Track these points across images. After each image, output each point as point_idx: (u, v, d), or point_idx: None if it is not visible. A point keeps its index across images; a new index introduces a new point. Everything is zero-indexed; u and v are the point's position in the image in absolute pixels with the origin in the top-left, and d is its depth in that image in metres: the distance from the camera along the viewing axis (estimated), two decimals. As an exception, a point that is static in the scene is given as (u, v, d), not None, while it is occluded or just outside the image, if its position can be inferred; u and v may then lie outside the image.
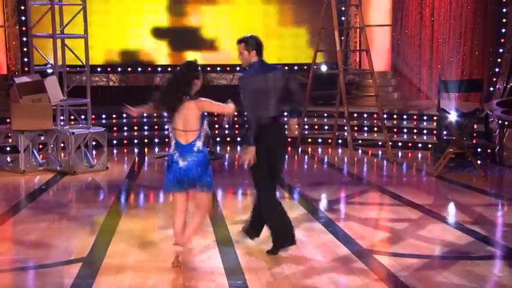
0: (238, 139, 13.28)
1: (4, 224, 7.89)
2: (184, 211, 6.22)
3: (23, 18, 13.34)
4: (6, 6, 13.50)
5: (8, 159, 11.18)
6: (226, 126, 11.74)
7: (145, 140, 13.19)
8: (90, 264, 6.26)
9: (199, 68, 6.06)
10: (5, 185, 9.94)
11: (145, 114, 12.65)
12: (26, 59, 13.47)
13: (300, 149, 12.72)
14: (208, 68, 14.72)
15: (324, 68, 13.99)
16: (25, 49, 13.49)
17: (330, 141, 13.08)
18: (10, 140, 11.27)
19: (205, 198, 6.21)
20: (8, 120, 11.32)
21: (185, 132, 6.01)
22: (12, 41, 13.65)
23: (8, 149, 11.55)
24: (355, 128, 13.23)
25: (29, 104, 10.30)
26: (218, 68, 14.90)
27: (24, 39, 13.31)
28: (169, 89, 5.98)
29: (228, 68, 14.91)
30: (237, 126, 13.63)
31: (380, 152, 12.42)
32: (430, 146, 12.50)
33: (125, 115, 13.34)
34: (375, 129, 13.32)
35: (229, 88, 14.73)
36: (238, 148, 12.94)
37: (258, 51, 6.32)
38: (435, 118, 12.53)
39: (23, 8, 13.32)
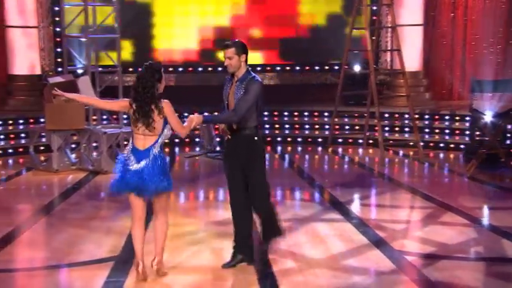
0: (268, 139, 13.29)
1: (38, 222, 8.00)
2: (143, 219, 5.93)
3: (57, 19, 13.48)
4: (40, 8, 13.66)
5: (42, 158, 11.33)
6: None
7: (176, 140, 13.24)
8: (121, 264, 6.30)
9: (161, 69, 5.77)
10: (38, 183, 10.07)
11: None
12: (59, 60, 13.61)
13: (330, 149, 12.66)
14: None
15: (356, 68, 13.90)
16: (58, 49, 13.64)
17: (360, 141, 13.00)
18: (44, 140, 11.41)
19: (164, 201, 5.91)
20: (42, 120, 11.48)
21: (144, 137, 5.71)
22: (46, 41, 13.81)
23: (42, 148, 11.70)
24: (386, 128, 13.12)
25: (62, 104, 10.41)
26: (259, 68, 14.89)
27: (58, 39, 13.46)
28: (136, 97, 5.66)
29: (259, 68, 14.89)
30: (267, 126, 13.62)
31: (411, 153, 12.31)
32: (462, 146, 12.35)
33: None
34: (406, 129, 13.19)
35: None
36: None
37: (247, 56, 6.04)
38: (468, 118, 12.38)
39: (57, 9, 13.47)
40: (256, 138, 6.07)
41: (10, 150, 12.05)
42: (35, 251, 6.85)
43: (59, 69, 13.58)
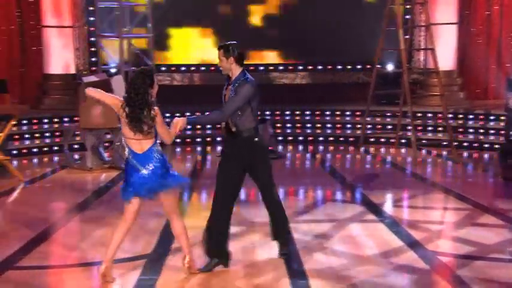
0: (300, 138, 13.28)
1: (71, 220, 8.08)
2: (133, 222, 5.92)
3: (91, 18, 13.62)
4: (75, 8, 13.81)
5: (76, 156, 11.45)
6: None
7: (208, 139, 13.29)
8: (154, 262, 6.33)
9: (153, 74, 5.74)
10: (72, 182, 10.17)
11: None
12: (93, 59, 13.75)
13: (362, 149, 12.58)
14: (271, 67, 14.73)
15: (390, 67, 13.79)
16: (93, 49, 13.78)
17: (393, 140, 12.89)
18: (78, 138, 11.53)
19: (171, 200, 5.90)
20: (76, 118, 11.60)
21: (139, 141, 5.69)
22: (81, 41, 13.95)
23: (76, 146, 11.84)
24: (419, 128, 12.99)
25: (96, 103, 10.50)
26: (281, 67, 14.88)
27: (92, 39, 13.59)
28: (128, 101, 5.61)
29: (291, 67, 14.88)
30: (299, 125, 13.60)
31: (445, 153, 12.17)
32: (497, 146, 12.16)
33: (188, 114, 13.48)
34: (440, 129, 13.05)
35: (289, 87, 14.72)
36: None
37: (237, 59, 6.02)
38: (503, 118, 12.19)
39: (91, 8, 13.60)
40: (256, 139, 6.09)
41: (45, 149, 12.22)
42: (69, 248, 6.91)
43: (93, 68, 13.72)
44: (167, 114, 13.34)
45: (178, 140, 12.92)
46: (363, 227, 7.60)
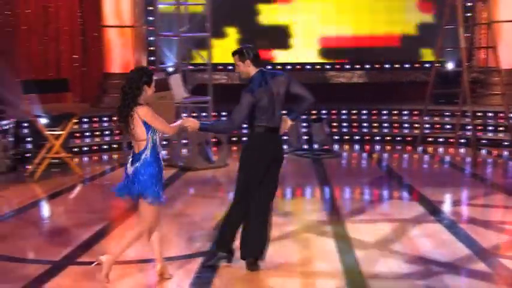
0: (357, 137, 13.17)
1: (129, 218, 8.18)
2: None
3: (150, 18, 13.79)
4: (135, 8, 14.01)
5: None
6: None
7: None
8: (211, 259, 6.35)
9: (152, 74, 5.75)
10: (131, 179, 10.30)
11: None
12: (152, 58, 13.92)
13: (420, 149, 12.39)
14: (327, 66, 14.64)
15: (449, 66, 13.53)
16: (151, 48, 13.95)
17: (451, 140, 12.65)
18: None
19: (146, 209, 5.70)
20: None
21: (135, 142, 5.66)
22: (140, 40, 14.14)
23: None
24: (479, 128, 12.71)
25: (153, 101, 10.61)
26: (337, 66, 14.77)
27: (151, 38, 13.76)
28: (120, 97, 5.63)
29: (348, 66, 14.76)
30: (355, 124, 13.48)
31: (506, 153, 11.87)
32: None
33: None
34: (501, 128, 12.73)
35: (347, 86, 14.59)
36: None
37: (253, 61, 5.95)
38: None
39: (150, 8, 13.77)
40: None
41: (105, 147, 12.44)
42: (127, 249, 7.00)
43: (152, 67, 13.89)
44: (223, 113, 13.42)
45: (234, 139, 12.95)
46: (420, 226, 7.48)
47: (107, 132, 12.71)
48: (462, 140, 12.49)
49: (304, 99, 6.05)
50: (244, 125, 6.60)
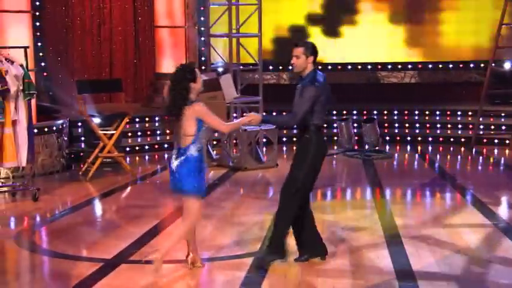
0: (408, 138, 13.00)
1: (180, 216, 8.22)
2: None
3: (202, 18, 13.87)
4: (187, 8, 14.11)
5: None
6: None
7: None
8: (261, 259, 6.34)
9: (196, 70, 5.80)
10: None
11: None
12: (203, 58, 14.00)
13: (474, 150, 12.14)
14: (379, 66, 14.49)
15: (507, 66, 13.22)
16: (202, 48, 14.03)
17: (507, 142, 12.37)
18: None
19: (191, 205, 5.83)
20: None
21: (183, 137, 5.72)
22: (192, 40, 14.24)
23: (185, 144, 12.03)
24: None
25: (205, 101, 10.64)
26: (389, 66, 14.60)
27: (202, 38, 13.84)
28: (170, 97, 5.74)
29: (400, 66, 14.58)
30: (407, 125, 13.30)
31: None
32: None
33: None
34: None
35: (399, 86, 14.41)
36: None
37: (315, 59, 5.96)
38: None
39: (202, 9, 13.86)
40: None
41: (156, 146, 12.54)
42: (178, 244, 7.04)
43: (203, 67, 13.97)
44: (274, 113, 13.40)
45: (284, 139, 12.91)
46: (474, 230, 7.32)
47: (158, 132, 12.83)
48: (518, 142, 12.20)
49: (290, 115, 6.04)
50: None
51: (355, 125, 12.62)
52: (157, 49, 14.01)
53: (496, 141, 12.61)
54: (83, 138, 11.75)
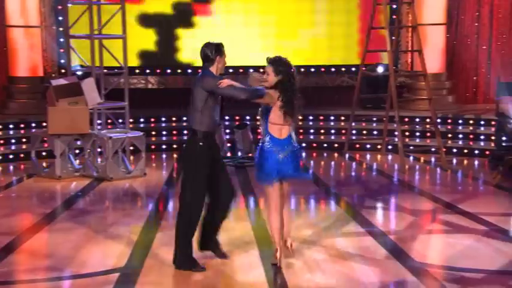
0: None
1: (40, 231, 8.04)
2: (280, 208, 6.48)
3: (60, 18, 13.58)
4: (43, 7, 13.75)
5: (44, 164, 11.37)
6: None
7: (185, 145, 13.24)
8: (127, 276, 6.34)
9: (291, 65, 6.50)
10: (41, 190, 10.13)
11: (184, 118, 12.78)
12: (62, 61, 13.71)
13: (347, 155, 12.65)
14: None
15: (380, 70, 13.86)
16: (61, 50, 13.73)
17: (379, 147, 12.98)
18: (46, 145, 11.45)
19: (287, 186, 6.60)
20: (44, 124, 11.52)
21: (281, 126, 6.35)
22: (49, 42, 13.90)
23: (44, 153, 11.75)
24: (407, 133, 13.09)
25: (65, 107, 10.49)
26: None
27: (61, 40, 13.55)
28: (286, 90, 6.39)
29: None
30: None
31: (433, 159, 12.27)
32: (487, 152, 12.29)
33: (163, 119, 13.46)
34: (428, 134, 13.15)
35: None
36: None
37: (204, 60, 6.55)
38: (493, 123, 12.34)
39: (60, 8, 13.57)
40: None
41: (11, 156, 12.13)
42: (37, 261, 6.89)
43: (62, 70, 13.67)
44: (141, 119, 13.36)
45: (153, 146, 12.88)
46: (348, 238, 7.65)
47: (13, 141, 12.42)
48: (390, 146, 12.83)
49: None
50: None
51: (227, 131, 12.77)
52: (11, 50, 13.54)
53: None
54: None
